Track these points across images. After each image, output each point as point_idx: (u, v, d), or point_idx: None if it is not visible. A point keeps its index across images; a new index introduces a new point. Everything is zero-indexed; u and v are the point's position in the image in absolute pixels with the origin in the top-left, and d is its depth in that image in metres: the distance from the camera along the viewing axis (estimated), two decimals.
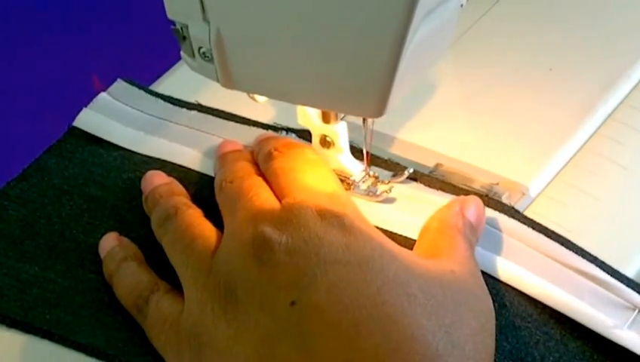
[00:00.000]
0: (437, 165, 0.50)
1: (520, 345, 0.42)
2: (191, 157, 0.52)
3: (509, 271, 0.45)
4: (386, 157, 0.51)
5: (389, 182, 0.48)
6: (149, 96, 0.57)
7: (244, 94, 0.46)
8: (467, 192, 0.48)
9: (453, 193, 0.48)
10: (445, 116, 0.54)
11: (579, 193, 0.50)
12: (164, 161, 0.52)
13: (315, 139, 0.48)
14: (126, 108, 0.56)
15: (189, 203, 0.47)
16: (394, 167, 0.50)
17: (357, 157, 0.49)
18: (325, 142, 0.48)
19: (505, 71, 0.57)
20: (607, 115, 0.54)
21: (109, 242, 0.47)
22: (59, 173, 0.52)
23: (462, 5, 0.44)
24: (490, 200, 0.47)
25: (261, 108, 0.52)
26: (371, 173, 0.49)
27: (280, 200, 0.43)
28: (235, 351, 0.38)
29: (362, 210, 0.46)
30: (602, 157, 0.52)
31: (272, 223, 0.41)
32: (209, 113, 0.55)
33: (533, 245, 0.46)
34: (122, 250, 0.46)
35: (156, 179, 0.49)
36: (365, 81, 0.39)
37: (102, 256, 0.47)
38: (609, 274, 0.45)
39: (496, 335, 0.41)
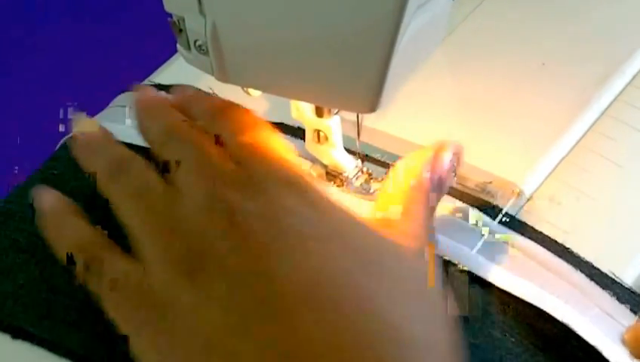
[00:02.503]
0: None
1: None
2: None
3: None
4: (379, 155, 0.51)
5: (382, 179, 0.48)
6: None
7: (239, 88, 0.45)
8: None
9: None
10: (438, 113, 0.54)
11: (573, 191, 0.50)
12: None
13: (309, 133, 0.48)
14: None
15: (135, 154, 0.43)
16: (386, 164, 0.50)
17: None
18: (319, 137, 0.47)
19: (497, 66, 0.56)
20: (602, 111, 0.54)
21: (48, 198, 0.44)
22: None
23: None
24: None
25: (255, 101, 0.51)
26: (365, 169, 0.49)
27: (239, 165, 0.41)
28: (202, 316, 0.37)
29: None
30: (596, 155, 0.52)
31: (237, 191, 0.39)
32: None
33: None
34: (65, 205, 0.43)
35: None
36: (358, 76, 0.39)
37: (42, 210, 0.43)
38: (464, 202, 0.46)
39: None
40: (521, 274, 0.44)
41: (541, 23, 0.60)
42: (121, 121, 0.53)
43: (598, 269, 0.45)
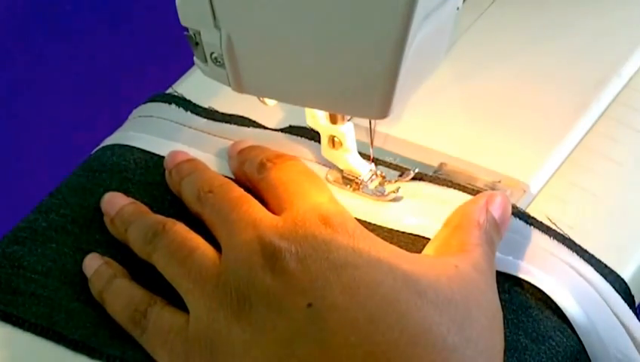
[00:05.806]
0: (441, 165, 0.52)
1: None
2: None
3: None
4: (391, 158, 0.52)
5: (396, 181, 0.49)
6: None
7: (255, 98, 0.47)
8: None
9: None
10: (446, 117, 0.55)
11: (577, 190, 0.51)
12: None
13: (324, 139, 0.49)
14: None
15: (172, 219, 0.47)
16: (399, 167, 0.51)
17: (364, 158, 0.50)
18: (334, 143, 0.49)
19: (502, 72, 0.57)
20: (601, 112, 0.55)
21: (95, 261, 0.47)
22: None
23: (458, 8, 0.45)
24: None
25: (271, 110, 0.53)
26: (379, 172, 0.50)
27: (273, 212, 0.45)
28: (253, 354, 0.39)
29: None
30: (598, 154, 0.53)
31: (278, 234, 0.42)
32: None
33: None
34: (110, 268, 0.46)
35: (119, 200, 0.49)
36: (369, 84, 0.41)
37: (89, 274, 0.46)
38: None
39: None
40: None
41: (541, 30, 0.61)
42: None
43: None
